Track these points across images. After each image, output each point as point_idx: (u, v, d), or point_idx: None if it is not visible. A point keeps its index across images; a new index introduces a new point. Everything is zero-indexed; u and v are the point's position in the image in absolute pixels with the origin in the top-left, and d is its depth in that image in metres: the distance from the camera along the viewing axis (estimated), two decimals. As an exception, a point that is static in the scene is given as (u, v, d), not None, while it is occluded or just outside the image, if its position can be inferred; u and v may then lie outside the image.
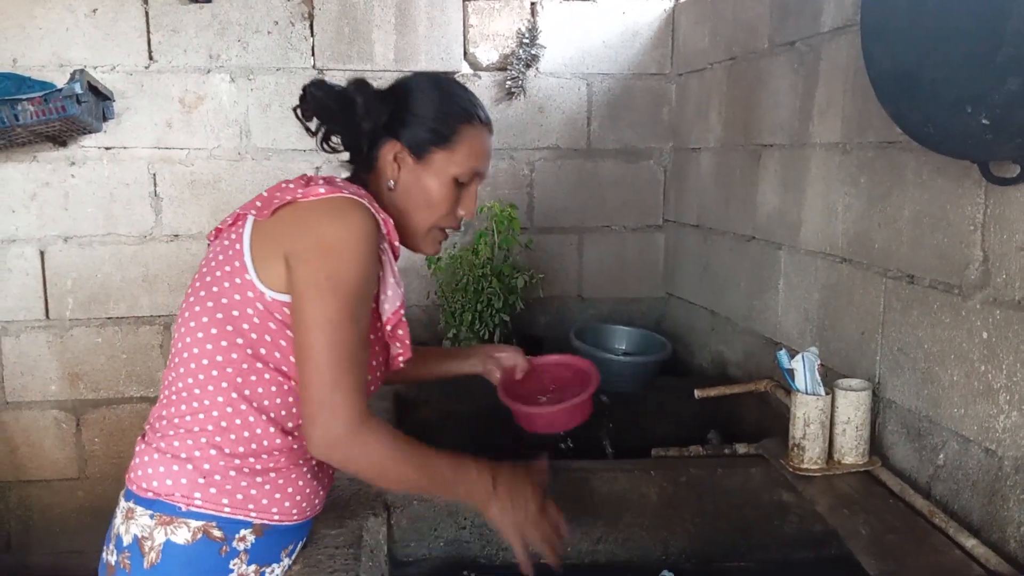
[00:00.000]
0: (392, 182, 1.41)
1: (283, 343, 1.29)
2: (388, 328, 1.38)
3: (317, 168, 2.75)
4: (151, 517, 1.28)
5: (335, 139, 1.45)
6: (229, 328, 1.29)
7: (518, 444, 1.90)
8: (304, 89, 1.42)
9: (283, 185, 1.34)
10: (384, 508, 1.65)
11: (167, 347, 2.76)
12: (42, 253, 2.67)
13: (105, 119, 2.61)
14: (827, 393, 1.66)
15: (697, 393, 2.08)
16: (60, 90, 2.34)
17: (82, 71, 2.37)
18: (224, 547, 1.29)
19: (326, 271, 1.23)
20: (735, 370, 2.44)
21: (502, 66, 2.81)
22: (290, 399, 1.32)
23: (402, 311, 1.39)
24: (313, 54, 2.72)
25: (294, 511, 1.36)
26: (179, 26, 2.64)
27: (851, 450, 1.65)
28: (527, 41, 2.77)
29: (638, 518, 1.75)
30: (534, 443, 1.96)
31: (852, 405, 1.63)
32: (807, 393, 1.65)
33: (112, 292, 2.72)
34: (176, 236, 2.72)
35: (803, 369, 1.66)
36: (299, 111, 1.42)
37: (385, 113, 1.40)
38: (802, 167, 2.02)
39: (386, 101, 1.41)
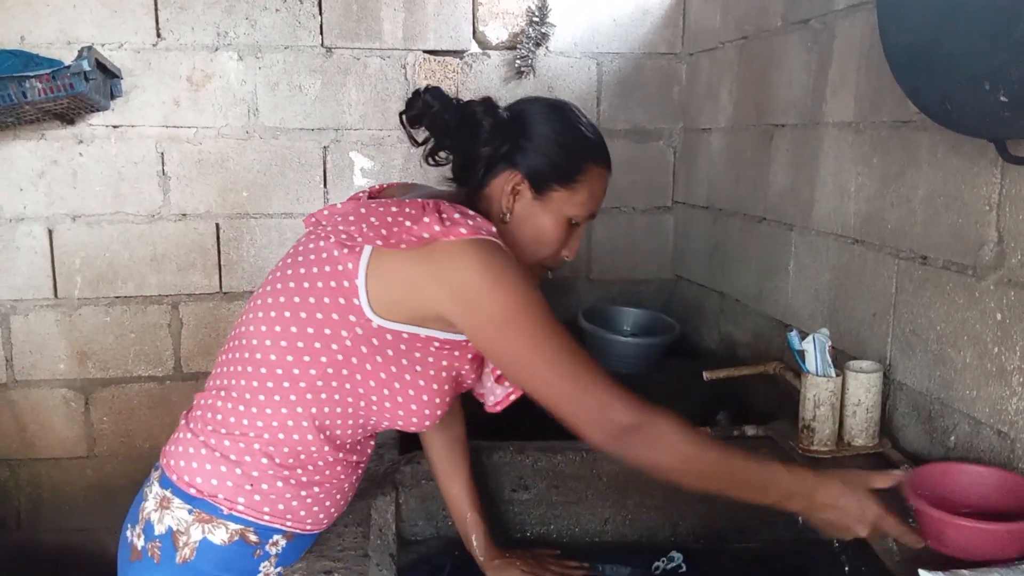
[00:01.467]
0: (508, 214, 1.33)
1: (368, 367, 1.25)
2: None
3: (325, 148, 2.74)
4: (190, 512, 1.26)
5: (443, 154, 1.37)
6: (317, 345, 1.24)
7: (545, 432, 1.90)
8: (417, 94, 1.33)
9: (408, 211, 1.24)
10: (392, 487, 1.65)
11: (175, 326, 2.76)
12: (50, 232, 2.67)
13: (113, 97, 2.60)
14: (838, 375, 1.65)
15: (706, 375, 2.06)
16: (68, 67, 2.32)
17: (90, 48, 2.36)
18: (258, 551, 1.29)
19: (499, 306, 1.18)
20: (744, 352, 2.43)
21: (511, 45, 2.78)
22: (349, 421, 1.30)
23: None
24: (321, 32, 2.70)
25: (325, 520, 1.36)
26: (186, 3, 2.62)
27: (861, 432, 1.64)
28: (537, 20, 2.75)
29: (646, 498, 1.75)
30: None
31: (863, 387, 1.62)
32: (818, 375, 1.64)
33: (120, 271, 2.72)
34: (184, 215, 2.72)
35: (814, 350, 1.65)
36: (406, 117, 1.34)
37: (508, 141, 1.32)
38: (814, 147, 2.00)
39: (510, 127, 1.33)
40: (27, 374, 2.72)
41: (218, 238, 2.75)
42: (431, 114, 1.32)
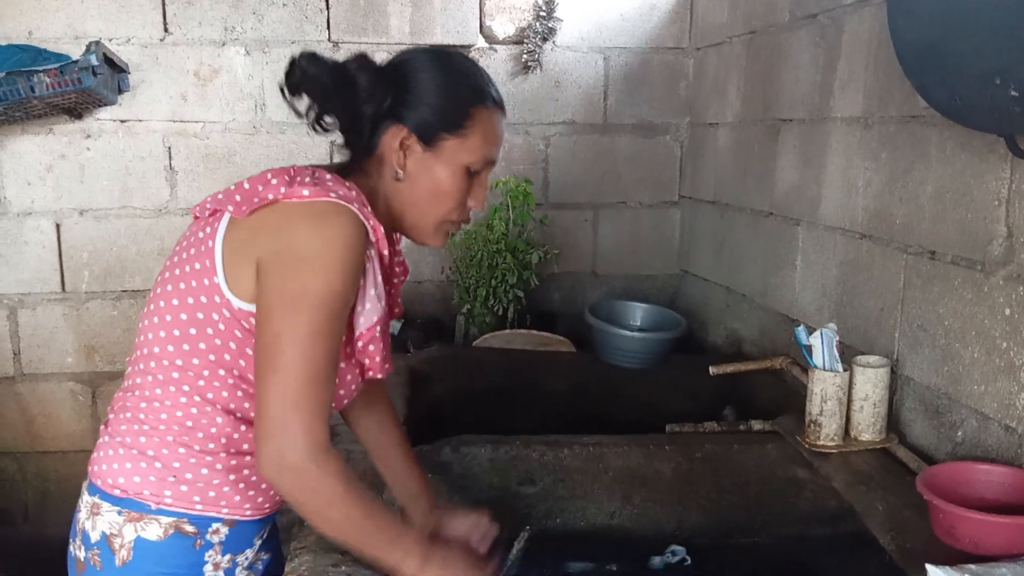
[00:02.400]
0: (399, 171, 1.27)
1: (249, 352, 1.21)
2: (359, 344, 1.27)
3: (332, 143, 2.74)
4: (119, 514, 1.24)
5: (329, 119, 1.29)
6: (192, 331, 1.21)
7: (533, 422, 1.90)
8: (292, 61, 1.26)
9: (267, 177, 1.22)
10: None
11: (182, 320, 2.76)
12: (58, 226, 2.67)
13: (120, 92, 2.61)
14: (845, 370, 1.64)
15: (712, 370, 2.06)
16: (76, 62, 2.33)
17: (97, 43, 2.36)
18: (198, 540, 1.26)
19: (299, 283, 1.12)
20: (750, 347, 2.43)
21: (518, 39, 2.78)
22: (251, 396, 1.24)
23: (377, 328, 1.28)
24: (328, 27, 2.70)
25: (266, 505, 1.33)
26: (194, -2, 2.62)
27: (868, 427, 1.64)
28: (544, 14, 2.74)
29: (652, 493, 1.75)
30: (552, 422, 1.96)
31: (870, 382, 1.62)
32: (825, 369, 1.64)
33: (128, 265, 2.72)
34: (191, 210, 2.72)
35: (821, 345, 1.65)
36: (286, 87, 1.26)
37: (390, 94, 1.25)
38: (822, 142, 1.99)
39: (390, 80, 1.26)
40: (35, 367, 2.73)
41: (225, 232, 2.75)
42: (308, 78, 1.25)
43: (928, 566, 1.10)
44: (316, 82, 1.24)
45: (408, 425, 1.75)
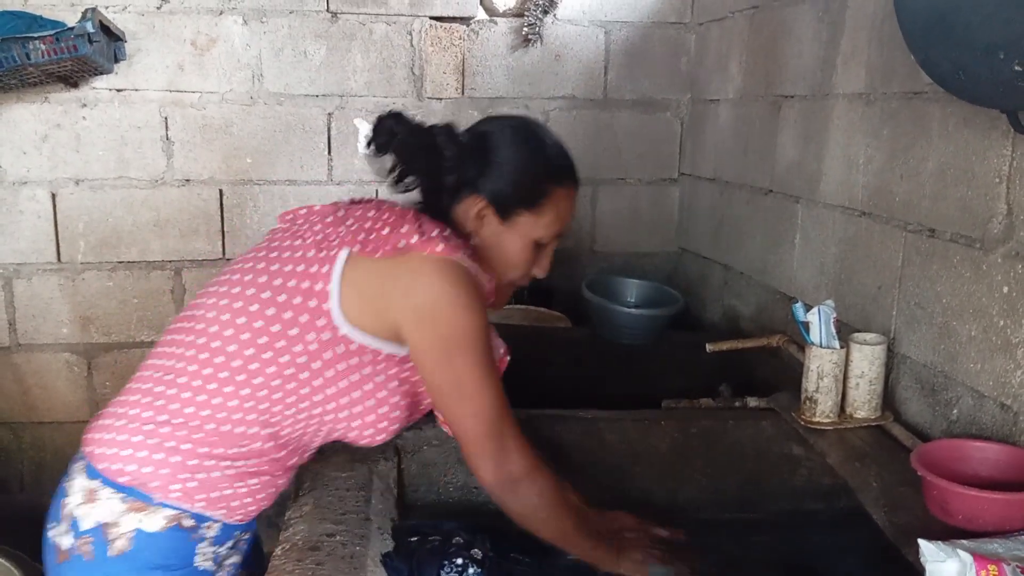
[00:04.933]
0: (474, 237, 1.36)
1: (328, 374, 1.27)
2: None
3: (329, 114, 2.72)
4: (122, 502, 1.23)
5: (409, 179, 1.37)
6: (280, 344, 1.24)
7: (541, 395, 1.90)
8: (381, 120, 1.34)
9: (387, 217, 1.27)
10: (395, 453, 1.65)
11: (178, 292, 2.76)
12: (53, 196, 2.66)
13: (116, 60, 2.58)
14: (842, 346, 1.64)
15: (709, 347, 2.06)
16: (71, 29, 2.30)
17: (93, 10, 2.33)
18: (194, 534, 1.28)
19: (452, 328, 1.23)
20: (747, 324, 2.42)
21: (519, 12, 2.75)
22: (300, 425, 1.31)
23: (506, 359, 1.45)
24: (327, -3, 2.67)
25: (254, 512, 1.36)
26: (191, -34, 2.59)
27: (864, 404, 1.64)
28: (545, -13, 2.71)
29: (648, 468, 1.75)
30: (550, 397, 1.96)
31: (867, 359, 1.62)
32: (822, 346, 1.64)
33: (124, 236, 2.71)
34: (188, 181, 2.71)
35: (819, 322, 1.64)
36: (374, 146, 1.34)
37: (473, 167, 1.34)
38: (823, 118, 1.98)
39: (474, 154, 1.34)
40: (30, 338, 2.72)
41: (221, 204, 2.74)
42: (397, 141, 1.33)
43: (921, 541, 1.10)
44: (404, 145, 1.33)
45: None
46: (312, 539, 1.29)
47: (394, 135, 1.33)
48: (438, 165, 1.33)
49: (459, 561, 1.33)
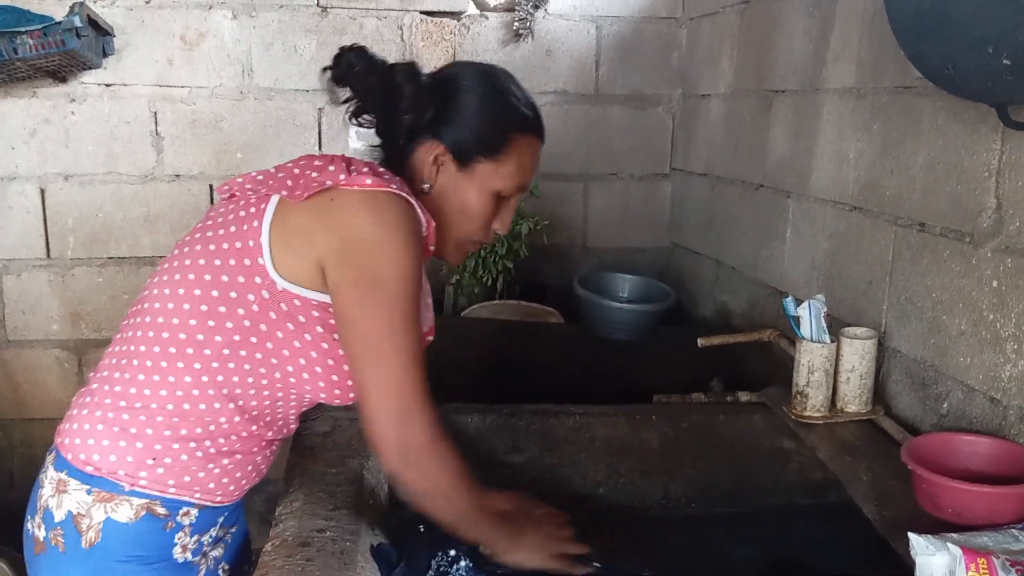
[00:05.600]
0: (428, 185, 1.28)
1: (279, 335, 1.21)
2: None
3: (320, 109, 2.72)
4: (88, 492, 1.21)
5: (367, 116, 1.31)
6: (222, 309, 1.19)
7: (518, 392, 1.90)
8: (340, 52, 1.28)
9: (316, 163, 1.22)
10: (385, 448, 1.65)
11: (169, 288, 2.74)
12: (42, 191, 2.64)
13: (105, 55, 2.57)
14: (832, 341, 1.64)
15: (700, 342, 2.06)
16: (59, 23, 2.29)
17: (81, 4, 2.32)
18: (169, 523, 1.25)
19: (374, 270, 1.14)
20: (739, 320, 2.43)
21: (510, 7, 2.74)
22: (265, 392, 1.25)
23: (429, 337, 1.32)
24: (317, -9, 2.66)
25: (236, 492, 1.32)
26: (180, -40, 2.58)
27: (854, 398, 1.64)
28: (536, -19, 2.71)
29: (639, 463, 1.75)
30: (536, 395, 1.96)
31: (857, 353, 1.62)
32: (812, 340, 1.64)
33: (113, 232, 2.70)
34: (177, 176, 2.70)
35: (809, 316, 1.65)
36: (332, 76, 1.28)
37: (432, 109, 1.27)
38: (814, 113, 1.98)
39: (434, 95, 1.27)
40: (20, 334, 2.71)
41: (212, 200, 2.73)
42: (354, 74, 1.27)
43: (911, 535, 1.11)
44: (361, 80, 1.26)
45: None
46: (302, 535, 1.28)
47: (352, 67, 1.27)
48: (395, 104, 1.26)
49: (452, 552, 1.33)
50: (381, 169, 1.23)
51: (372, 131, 1.35)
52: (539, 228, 2.70)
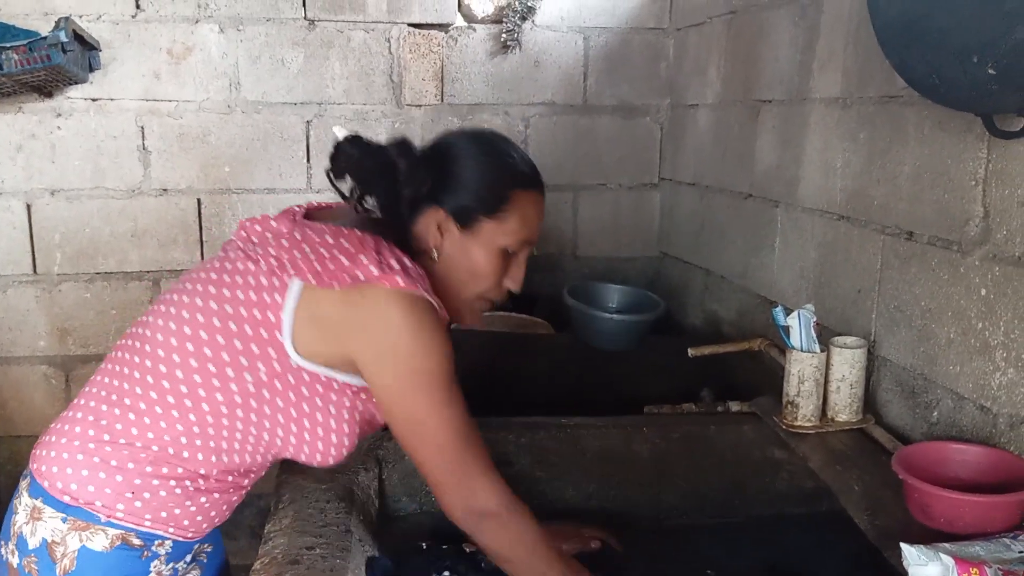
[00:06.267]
0: (435, 251, 1.31)
1: (279, 403, 1.24)
2: None
3: (308, 122, 2.71)
4: (63, 520, 1.21)
5: (370, 200, 1.34)
6: (230, 372, 1.22)
7: (509, 402, 1.89)
8: (336, 146, 1.31)
9: (345, 245, 1.22)
10: (376, 463, 1.64)
11: (157, 303, 2.73)
12: (28, 207, 2.63)
13: (91, 69, 2.56)
14: (822, 350, 1.64)
15: (691, 351, 2.06)
16: (44, 38, 2.28)
17: (67, 19, 2.31)
18: (145, 552, 1.25)
19: (413, 367, 1.20)
20: (729, 329, 2.43)
21: (497, 18, 2.75)
22: (248, 448, 1.28)
23: None
24: (304, 4, 2.65)
25: (206, 528, 1.33)
26: (166, -26, 2.57)
27: (845, 408, 1.64)
28: (523, -7, 2.71)
29: (630, 474, 1.74)
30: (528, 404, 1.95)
31: (847, 363, 1.62)
32: (802, 350, 1.64)
33: (101, 247, 2.68)
34: (165, 190, 2.68)
35: (799, 326, 1.65)
36: (331, 171, 1.32)
37: (429, 179, 1.30)
38: (801, 123, 1.98)
39: (430, 165, 1.31)
40: (6, 350, 2.68)
41: (200, 214, 2.72)
42: (352, 163, 1.30)
43: (903, 545, 1.10)
44: (358, 166, 1.30)
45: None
46: (292, 553, 1.27)
47: (349, 157, 1.30)
48: (393, 180, 1.30)
49: (451, 570, 1.33)
50: (408, 263, 1.24)
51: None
52: (528, 239, 2.69)
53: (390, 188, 1.30)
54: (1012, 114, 1.28)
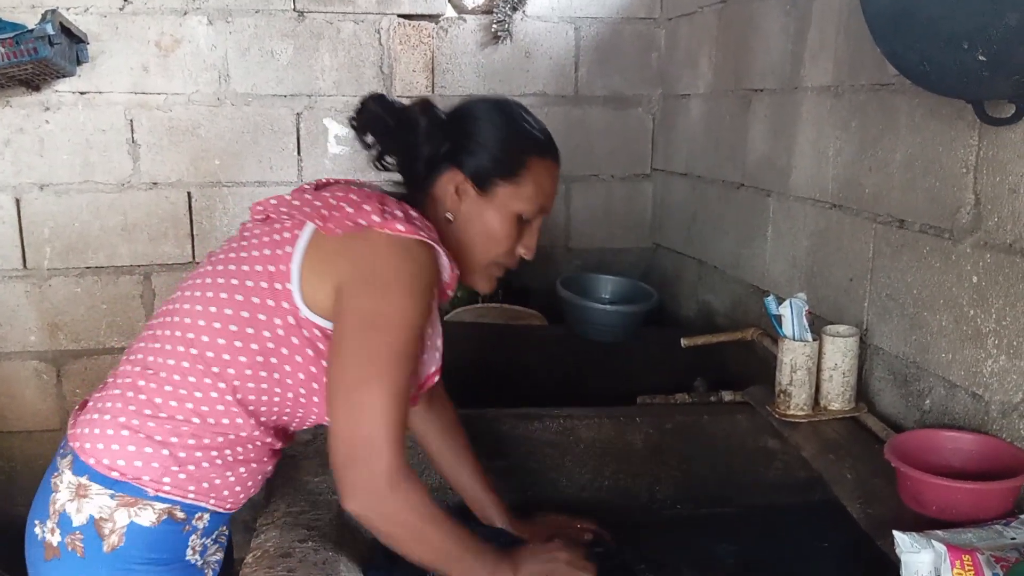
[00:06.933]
0: (451, 214, 1.32)
1: (298, 359, 1.24)
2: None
3: (298, 114, 2.70)
4: (112, 497, 1.21)
5: (389, 158, 1.36)
6: (249, 331, 1.22)
7: (503, 396, 1.89)
8: (362, 101, 1.34)
9: (353, 197, 1.23)
10: (368, 455, 1.63)
11: (147, 297, 2.72)
12: (18, 201, 2.61)
13: (79, 63, 2.54)
14: (814, 339, 1.64)
15: (683, 342, 2.06)
16: (31, 31, 2.26)
17: (54, 11, 2.29)
18: (186, 526, 1.26)
19: (378, 305, 1.17)
20: (722, 319, 2.43)
21: (488, 9, 2.74)
22: (276, 407, 1.28)
23: (435, 378, 1.37)
24: (293, -4, 2.64)
25: (243, 499, 1.34)
26: (154, -34, 2.55)
27: (837, 396, 1.64)
28: (513, -17, 2.70)
29: (624, 465, 1.75)
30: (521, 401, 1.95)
31: (839, 351, 1.62)
32: (794, 339, 1.64)
33: (91, 241, 2.67)
34: (155, 184, 2.67)
35: (791, 315, 1.65)
36: (354, 123, 1.34)
37: (449, 139, 1.32)
38: (793, 112, 1.98)
39: (450, 126, 1.33)
40: (-3, 346, 2.67)
41: (190, 207, 2.70)
42: (374, 120, 1.33)
43: (895, 533, 1.10)
44: (380, 122, 1.32)
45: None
46: (284, 546, 1.27)
47: (372, 113, 1.33)
48: (413, 139, 1.31)
49: None
50: (414, 213, 1.24)
51: (351, 139, 1.37)
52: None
53: (410, 145, 1.32)
54: (1003, 101, 1.28)
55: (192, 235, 2.71)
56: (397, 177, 1.39)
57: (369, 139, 1.34)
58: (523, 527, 1.53)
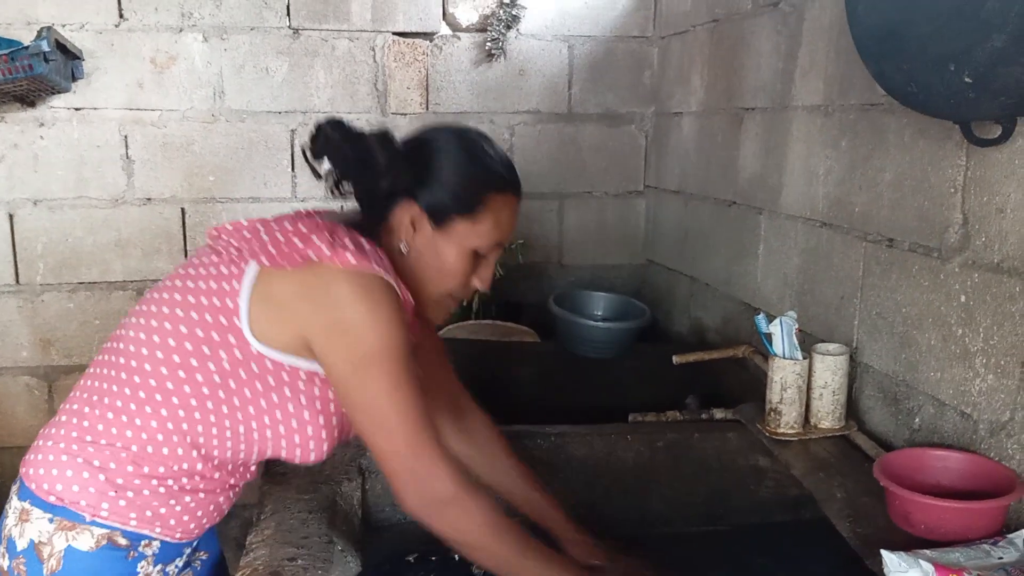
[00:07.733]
0: (405, 246, 1.29)
1: (247, 393, 1.23)
2: None
3: (292, 131, 2.71)
4: (50, 521, 1.21)
5: (346, 185, 1.33)
6: (194, 363, 1.22)
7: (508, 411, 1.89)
8: (318, 127, 1.29)
9: (302, 228, 1.22)
10: (359, 473, 1.63)
11: (141, 312, 2.72)
12: (11, 216, 2.61)
13: (74, 79, 2.55)
14: (805, 357, 1.65)
15: (675, 359, 2.07)
16: (26, 48, 2.27)
17: (49, 28, 2.30)
18: (131, 552, 1.25)
19: (361, 348, 1.17)
20: (713, 336, 2.43)
21: (482, 27, 2.76)
22: (228, 443, 1.26)
23: None
24: (288, 13, 2.65)
25: (196, 531, 1.32)
26: (150, -17, 2.57)
27: (828, 414, 1.64)
28: (507, 1, 2.72)
29: (615, 483, 1.74)
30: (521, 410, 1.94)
31: (829, 369, 1.63)
32: (785, 357, 1.64)
33: (84, 257, 2.67)
34: (149, 199, 2.67)
35: (781, 333, 1.65)
36: (309, 151, 1.30)
37: (407, 174, 1.28)
38: (783, 130, 1.99)
39: (409, 160, 1.29)
40: (-12, 362, 2.67)
41: (184, 223, 2.71)
42: (332, 148, 1.29)
43: (883, 552, 1.11)
44: (338, 150, 1.28)
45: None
46: (273, 564, 1.26)
47: (329, 140, 1.29)
48: (371, 170, 1.28)
49: None
50: (366, 244, 1.23)
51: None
52: (514, 247, 2.70)
53: (367, 176, 1.29)
54: (989, 122, 1.29)
55: (186, 251, 2.72)
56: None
57: (325, 166, 1.31)
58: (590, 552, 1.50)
